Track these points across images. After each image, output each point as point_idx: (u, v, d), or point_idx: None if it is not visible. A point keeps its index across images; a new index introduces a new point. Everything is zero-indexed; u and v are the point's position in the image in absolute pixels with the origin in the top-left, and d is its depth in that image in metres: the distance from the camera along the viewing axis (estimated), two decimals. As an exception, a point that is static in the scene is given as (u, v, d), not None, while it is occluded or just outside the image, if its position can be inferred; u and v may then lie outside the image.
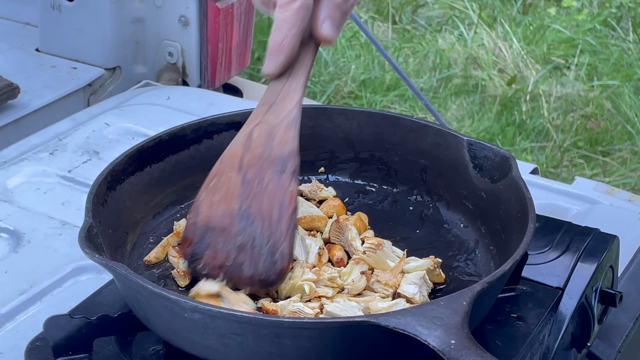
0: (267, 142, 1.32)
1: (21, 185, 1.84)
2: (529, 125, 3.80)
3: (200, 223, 1.32)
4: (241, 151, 1.33)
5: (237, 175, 1.32)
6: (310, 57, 1.33)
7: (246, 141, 1.33)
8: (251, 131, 1.34)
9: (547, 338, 1.35)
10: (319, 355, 1.17)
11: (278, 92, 1.33)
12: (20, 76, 2.32)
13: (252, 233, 1.29)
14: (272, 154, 1.31)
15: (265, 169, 1.31)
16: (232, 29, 2.47)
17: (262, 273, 1.28)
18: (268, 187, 1.30)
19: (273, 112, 1.33)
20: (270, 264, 1.27)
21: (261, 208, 1.29)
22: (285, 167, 1.30)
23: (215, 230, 1.31)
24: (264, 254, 1.28)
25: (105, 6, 2.41)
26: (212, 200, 1.32)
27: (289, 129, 1.32)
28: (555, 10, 4.67)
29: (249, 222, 1.29)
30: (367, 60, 4.15)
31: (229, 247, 1.29)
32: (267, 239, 1.28)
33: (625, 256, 1.65)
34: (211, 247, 1.30)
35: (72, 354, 1.25)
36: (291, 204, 1.29)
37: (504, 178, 1.41)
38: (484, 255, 1.41)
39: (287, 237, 1.28)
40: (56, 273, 1.58)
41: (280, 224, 1.28)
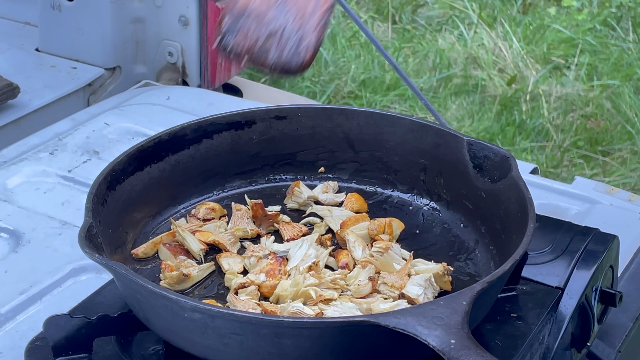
0: None
1: (21, 185, 1.84)
2: (529, 125, 3.80)
3: (238, 6, 1.36)
4: None
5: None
6: None
7: None
8: None
9: (547, 338, 1.35)
10: (319, 355, 1.17)
11: None
12: (20, 76, 2.32)
13: (284, 22, 1.34)
14: None
15: None
16: (232, 28, 2.47)
17: (285, 61, 1.33)
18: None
19: None
20: (295, 54, 1.33)
21: (297, 1, 1.34)
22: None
23: (251, 14, 1.35)
24: (291, 43, 1.33)
25: (105, 6, 2.41)
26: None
27: None
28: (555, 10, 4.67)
29: (284, 11, 1.34)
30: (367, 60, 4.15)
31: (260, 31, 1.34)
32: (297, 29, 1.33)
33: (625, 256, 1.65)
34: (243, 30, 1.35)
35: (72, 354, 1.25)
36: (327, 2, 1.33)
37: (504, 178, 1.41)
38: (484, 255, 1.41)
39: (316, 31, 1.33)
40: (56, 273, 1.58)
41: (312, 18, 1.33)
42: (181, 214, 1.51)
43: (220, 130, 1.55)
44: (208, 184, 1.55)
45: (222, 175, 1.56)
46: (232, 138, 1.56)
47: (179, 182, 1.52)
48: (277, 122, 1.58)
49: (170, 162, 1.51)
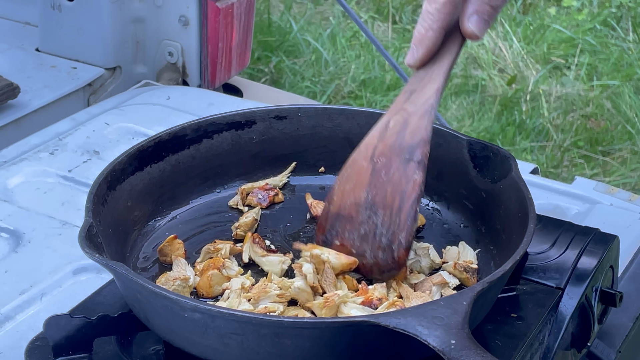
0: (400, 131, 1.33)
1: (21, 185, 1.84)
2: (529, 125, 3.80)
3: (332, 211, 1.36)
4: (376, 140, 1.35)
5: (369, 164, 1.34)
6: (455, 48, 1.33)
7: (383, 130, 1.35)
8: (389, 120, 1.35)
9: (547, 338, 1.35)
10: (319, 355, 1.16)
11: (420, 80, 1.34)
12: (20, 76, 2.32)
13: (375, 222, 1.31)
14: (403, 143, 1.32)
15: (393, 158, 1.32)
16: (232, 29, 2.47)
17: (381, 262, 1.30)
18: (394, 176, 1.31)
19: (412, 101, 1.34)
20: (389, 253, 1.30)
21: (385, 197, 1.31)
22: (412, 155, 1.31)
23: (344, 218, 1.34)
24: (383, 245, 1.30)
25: (105, 6, 2.41)
26: (345, 189, 1.35)
27: (423, 117, 1.32)
28: (555, 10, 4.67)
29: (373, 211, 1.32)
30: (367, 60, 4.15)
31: (353, 235, 1.33)
32: (387, 228, 1.30)
33: (625, 256, 1.65)
34: (339, 235, 1.34)
35: (72, 354, 1.25)
36: (412, 193, 1.30)
37: (504, 178, 1.41)
38: (484, 255, 1.41)
39: (406, 227, 1.29)
40: (56, 273, 1.58)
41: (400, 214, 1.30)
42: (181, 213, 1.51)
43: (221, 130, 1.55)
44: (208, 184, 1.55)
45: (222, 175, 1.56)
46: (233, 138, 1.56)
47: (179, 182, 1.52)
48: (278, 122, 1.58)
49: (170, 162, 1.51)
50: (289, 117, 1.58)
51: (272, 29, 4.30)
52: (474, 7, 1.28)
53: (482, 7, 1.28)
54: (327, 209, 1.37)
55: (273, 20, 4.35)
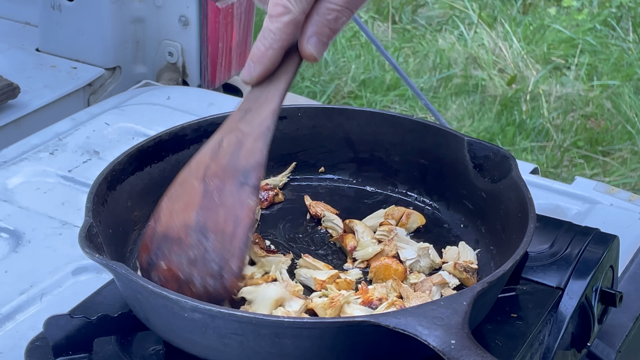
0: (234, 152, 1.27)
1: (21, 185, 1.84)
2: (529, 125, 3.80)
3: (159, 231, 1.28)
4: (208, 159, 1.28)
5: (200, 184, 1.27)
6: (293, 68, 1.29)
7: (216, 149, 1.28)
8: (222, 139, 1.29)
9: (547, 338, 1.35)
10: (319, 355, 1.16)
11: (255, 99, 1.29)
12: (20, 76, 2.32)
13: (205, 247, 1.24)
14: (237, 165, 1.26)
15: (227, 180, 1.26)
16: (232, 29, 2.47)
17: (212, 290, 1.23)
18: (227, 199, 1.25)
19: (247, 120, 1.28)
20: (219, 281, 1.23)
21: (217, 221, 1.24)
22: (247, 179, 1.25)
23: (172, 240, 1.26)
24: (214, 271, 1.23)
25: (105, 6, 2.41)
26: (173, 208, 1.28)
27: (258, 139, 1.26)
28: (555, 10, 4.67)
29: (204, 235, 1.25)
30: (367, 60, 4.15)
31: (181, 259, 1.25)
32: (218, 254, 1.23)
33: (625, 256, 1.65)
34: (166, 258, 1.26)
35: (72, 354, 1.25)
36: (246, 219, 1.23)
37: (504, 178, 1.41)
38: (484, 255, 1.41)
39: (237, 254, 1.23)
40: (56, 273, 1.58)
41: (233, 240, 1.23)
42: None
43: (221, 130, 1.55)
44: (208, 184, 1.55)
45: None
46: (232, 138, 1.56)
47: (179, 182, 1.52)
48: (278, 122, 1.57)
49: (170, 162, 1.51)
50: (289, 117, 1.58)
51: (272, 29, 4.29)
52: (313, 29, 1.24)
53: (322, 30, 1.25)
54: (154, 228, 1.28)
55: (273, 20, 4.35)
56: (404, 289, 1.31)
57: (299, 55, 1.28)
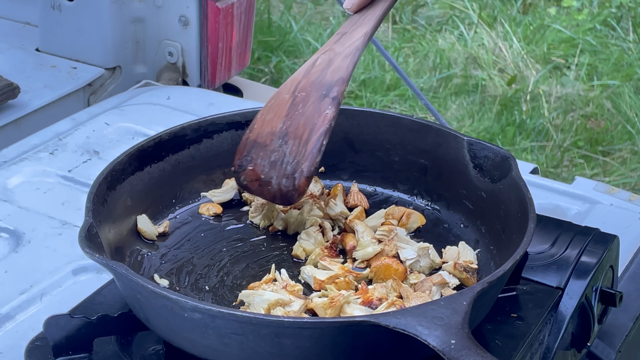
0: (324, 69, 1.39)
1: (21, 185, 1.84)
2: (529, 125, 3.80)
3: (250, 138, 1.42)
4: (301, 76, 1.41)
5: (290, 97, 1.40)
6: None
7: (310, 67, 1.41)
8: (317, 58, 1.41)
9: (547, 338, 1.35)
10: (319, 355, 1.16)
11: (353, 23, 1.41)
12: (20, 76, 2.32)
13: (284, 151, 1.37)
14: (323, 80, 1.39)
15: (312, 93, 1.38)
16: (232, 29, 2.47)
17: (284, 189, 1.37)
18: (308, 109, 1.38)
19: (341, 42, 1.40)
20: (291, 181, 1.36)
21: (297, 128, 1.37)
22: (329, 92, 1.37)
23: (260, 146, 1.40)
24: (288, 172, 1.37)
25: (105, 6, 2.41)
26: (265, 118, 1.42)
27: (346, 58, 1.38)
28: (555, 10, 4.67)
29: (285, 140, 1.38)
30: (367, 60, 4.15)
31: (264, 162, 1.39)
32: (294, 157, 1.36)
33: (625, 256, 1.65)
34: (253, 161, 1.40)
35: (72, 354, 1.25)
36: (321, 126, 1.36)
37: (504, 178, 1.41)
38: (484, 255, 1.41)
39: (309, 157, 1.36)
40: (56, 273, 1.58)
41: (307, 144, 1.36)
42: (182, 213, 1.51)
43: (221, 130, 1.55)
44: (208, 184, 1.55)
45: (222, 175, 1.56)
46: (232, 138, 1.56)
47: (179, 182, 1.52)
48: (277, 122, 1.58)
49: (170, 162, 1.51)
50: (289, 117, 1.58)
51: (272, 29, 4.30)
52: None
53: None
54: (247, 136, 1.42)
55: (273, 20, 4.35)
56: (404, 289, 1.31)
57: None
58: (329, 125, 1.36)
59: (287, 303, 1.27)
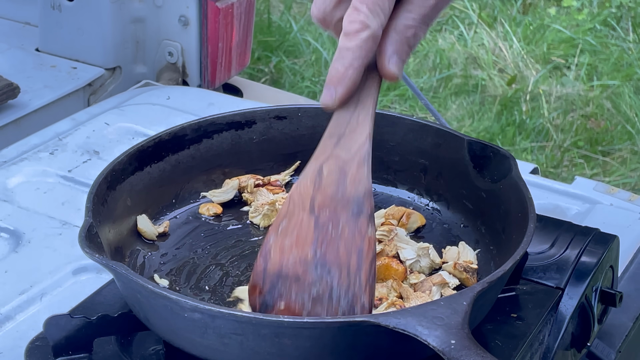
0: (339, 181, 1.22)
1: (21, 185, 1.84)
2: (529, 125, 3.80)
3: (271, 270, 1.22)
4: (311, 190, 1.23)
5: (309, 217, 1.22)
6: (375, 87, 1.23)
7: (316, 178, 1.23)
8: (321, 167, 1.23)
9: (547, 338, 1.35)
10: (319, 355, 1.16)
11: (346, 123, 1.24)
12: (20, 76, 2.32)
13: (329, 283, 1.20)
14: (345, 194, 1.21)
15: (339, 211, 1.21)
16: (232, 29, 2.47)
17: None
18: (344, 231, 1.21)
19: (343, 147, 1.23)
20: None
21: (338, 255, 1.20)
22: (362, 209, 1.21)
23: (288, 278, 1.21)
24: (343, 307, 1.19)
25: (105, 6, 2.41)
26: (284, 244, 1.22)
27: (361, 166, 1.22)
28: (555, 10, 4.67)
29: (325, 270, 1.20)
30: (367, 60, 4.15)
31: (303, 297, 1.20)
32: (346, 290, 1.19)
33: (625, 256, 1.65)
34: (283, 297, 1.21)
35: (72, 354, 1.25)
36: (370, 252, 1.21)
37: (504, 178, 1.41)
38: (484, 255, 1.41)
39: (367, 289, 1.20)
40: (56, 273, 1.58)
41: (359, 274, 1.19)
42: (181, 214, 1.51)
43: (221, 130, 1.55)
44: (208, 184, 1.55)
45: (222, 175, 1.56)
46: (233, 138, 1.56)
47: (179, 182, 1.52)
48: (278, 122, 1.58)
49: (170, 162, 1.51)
50: (289, 117, 1.58)
51: (272, 29, 4.30)
52: (393, 48, 1.19)
53: (402, 48, 1.19)
54: (263, 267, 1.23)
55: (273, 20, 4.35)
56: (404, 289, 1.31)
57: (378, 74, 1.22)
58: (375, 249, 1.21)
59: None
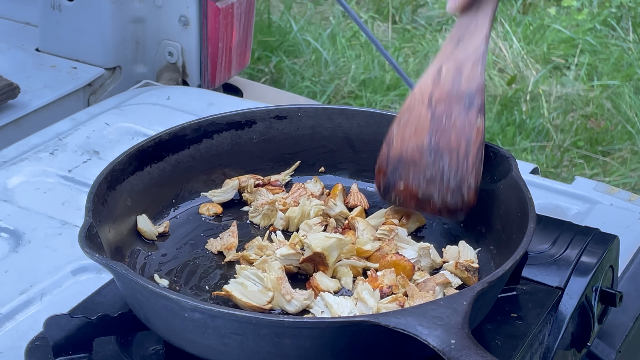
0: (455, 78, 1.38)
1: (21, 185, 1.84)
2: (529, 125, 3.80)
3: (393, 155, 1.41)
4: (431, 87, 1.39)
5: (427, 110, 1.40)
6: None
7: (436, 77, 1.39)
8: (440, 67, 1.40)
9: (547, 338, 1.35)
10: (319, 355, 1.17)
11: (465, 27, 1.39)
12: (20, 76, 2.32)
13: (441, 167, 1.37)
14: (460, 90, 1.38)
15: (453, 104, 1.38)
16: (232, 29, 2.47)
17: (451, 204, 1.37)
18: (456, 122, 1.37)
19: (461, 48, 1.39)
20: (458, 197, 1.37)
21: (449, 143, 1.37)
22: (473, 102, 1.37)
23: (407, 162, 1.40)
24: (452, 187, 1.37)
25: (105, 6, 2.41)
26: (404, 134, 1.41)
27: (476, 65, 1.38)
28: (555, 10, 4.67)
29: (438, 156, 1.38)
30: (367, 60, 4.15)
31: (419, 178, 1.39)
32: (455, 172, 1.37)
33: (625, 256, 1.65)
34: (402, 178, 1.41)
35: (72, 354, 1.25)
36: (477, 139, 1.36)
37: (504, 178, 1.41)
38: (484, 255, 1.41)
39: (474, 172, 1.36)
40: (56, 273, 1.58)
41: (467, 159, 1.36)
42: (180, 213, 1.51)
43: (221, 130, 1.55)
44: (208, 184, 1.55)
45: (222, 175, 1.56)
46: (233, 138, 1.56)
47: (179, 182, 1.52)
48: (278, 122, 1.58)
49: (170, 162, 1.51)
50: (289, 117, 1.58)
51: (272, 29, 4.30)
52: None
53: None
54: (387, 153, 1.42)
55: (273, 20, 4.35)
56: (410, 287, 1.31)
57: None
58: (483, 136, 1.37)
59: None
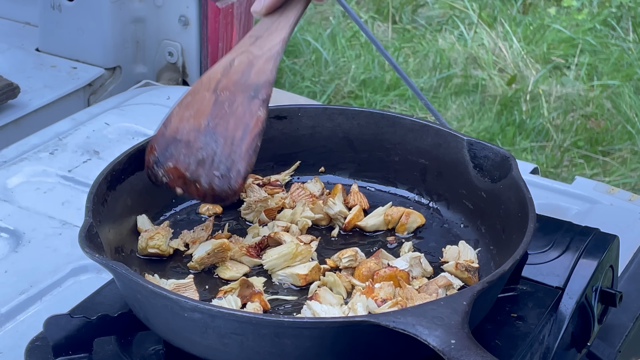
0: (245, 70, 1.38)
1: (21, 185, 1.84)
2: (529, 125, 3.80)
3: (168, 134, 1.39)
4: (219, 75, 1.39)
5: (212, 95, 1.39)
6: (302, 4, 1.39)
7: (227, 67, 1.39)
8: (233, 59, 1.40)
9: (547, 338, 1.35)
10: (319, 355, 1.17)
11: (266, 28, 1.40)
12: (20, 76, 2.32)
13: (214, 150, 1.35)
14: (248, 81, 1.37)
15: (238, 93, 1.37)
16: (232, 29, 2.47)
17: (216, 188, 1.35)
18: (238, 109, 1.36)
19: (258, 45, 1.40)
20: (225, 181, 1.35)
21: (227, 128, 1.36)
22: (258, 93, 1.36)
23: (181, 142, 1.37)
24: (222, 171, 1.35)
25: (105, 6, 2.41)
26: (184, 115, 1.39)
27: (268, 61, 1.38)
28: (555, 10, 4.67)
29: (213, 139, 1.36)
30: (367, 60, 4.15)
31: (190, 159, 1.37)
32: (227, 157, 1.35)
33: (625, 256, 1.65)
34: (173, 158, 1.38)
35: (72, 354, 1.25)
36: (256, 128, 1.35)
37: (504, 178, 1.41)
38: (484, 255, 1.41)
39: (246, 158, 1.34)
40: (56, 273, 1.58)
41: (241, 145, 1.35)
42: (181, 213, 1.51)
43: (220, 130, 1.55)
44: (208, 184, 1.55)
45: (222, 175, 1.56)
46: (232, 138, 1.56)
47: (179, 182, 1.52)
48: (277, 122, 1.58)
49: (170, 162, 1.51)
50: (289, 117, 1.58)
51: (272, 29, 4.29)
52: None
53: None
54: (163, 132, 1.39)
55: (273, 20, 4.34)
56: (408, 289, 1.30)
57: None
58: (262, 127, 1.36)
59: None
